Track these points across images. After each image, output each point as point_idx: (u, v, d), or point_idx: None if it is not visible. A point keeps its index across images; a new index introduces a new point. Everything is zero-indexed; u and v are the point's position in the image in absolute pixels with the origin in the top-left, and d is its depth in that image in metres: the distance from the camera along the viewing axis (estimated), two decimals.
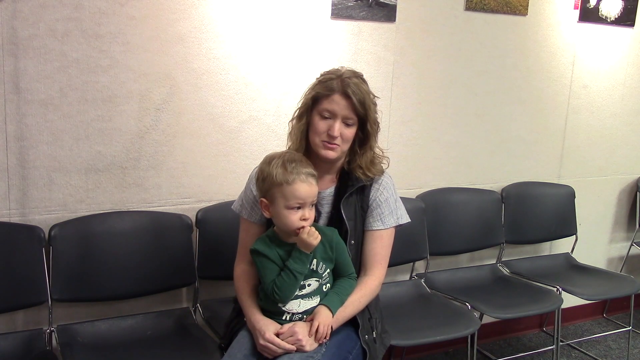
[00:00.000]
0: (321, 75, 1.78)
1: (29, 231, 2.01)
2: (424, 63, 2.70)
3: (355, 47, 2.52)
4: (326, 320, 1.63)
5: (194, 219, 2.27)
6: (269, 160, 1.64)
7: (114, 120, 2.12)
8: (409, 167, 2.76)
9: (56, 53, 1.99)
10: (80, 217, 2.11)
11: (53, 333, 2.04)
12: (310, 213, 1.62)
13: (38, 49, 1.96)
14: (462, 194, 2.90)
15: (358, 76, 1.75)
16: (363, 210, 1.81)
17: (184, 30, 2.18)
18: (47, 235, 2.03)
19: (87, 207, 2.13)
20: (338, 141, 1.71)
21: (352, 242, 1.78)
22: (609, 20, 3.15)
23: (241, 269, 1.83)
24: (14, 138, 1.99)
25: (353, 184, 1.78)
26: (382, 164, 1.85)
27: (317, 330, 1.61)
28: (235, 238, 1.91)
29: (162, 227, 2.22)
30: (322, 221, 1.80)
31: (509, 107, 2.98)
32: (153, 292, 2.21)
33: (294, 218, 1.60)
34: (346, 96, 1.69)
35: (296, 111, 1.80)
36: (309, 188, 1.60)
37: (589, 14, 3.08)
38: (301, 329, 1.61)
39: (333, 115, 1.71)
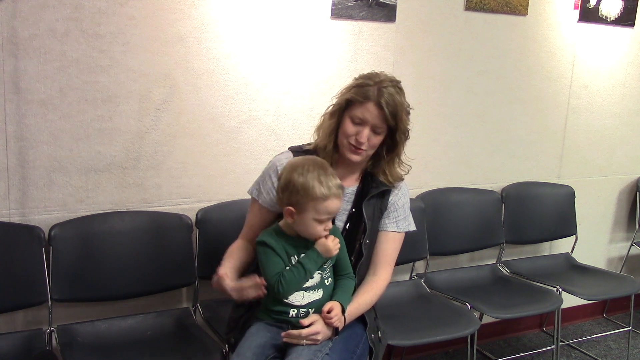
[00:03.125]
0: (359, 77, 1.78)
1: (29, 231, 2.01)
2: (424, 63, 2.70)
3: (355, 47, 2.52)
4: (338, 308, 1.66)
5: (194, 219, 2.27)
6: (300, 170, 1.61)
7: (114, 120, 2.12)
8: None
9: (56, 53, 1.99)
10: (80, 217, 2.11)
11: (53, 333, 2.04)
12: (331, 224, 1.67)
13: (38, 49, 1.96)
14: (462, 194, 2.90)
15: (395, 85, 1.76)
16: (381, 211, 1.85)
17: (184, 30, 2.18)
18: (47, 235, 2.03)
19: (87, 207, 2.13)
20: (364, 147, 1.74)
21: (367, 241, 1.82)
22: (609, 20, 3.15)
23: (238, 242, 1.85)
24: (14, 138, 1.99)
25: (377, 186, 1.83)
26: (402, 171, 1.89)
27: (329, 312, 1.64)
28: (235, 238, 1.90)
29: (162, 227, 2.22)
30: (341, 217, 1.83)
31: (509, 107, 2.98)
32: (153, 292, 2.21)
33: (320, 229, 1.64)
34: (379, 107, 1.71)
35: (329, 107, 1.82)
36: (339, 203, 1.64)
37: (589, 14, 3.08)
38: (320, 325, 1.65)
39: (363, 122, 1.73)
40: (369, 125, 1.73)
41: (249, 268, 1.80)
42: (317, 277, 1.68)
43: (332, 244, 1.65)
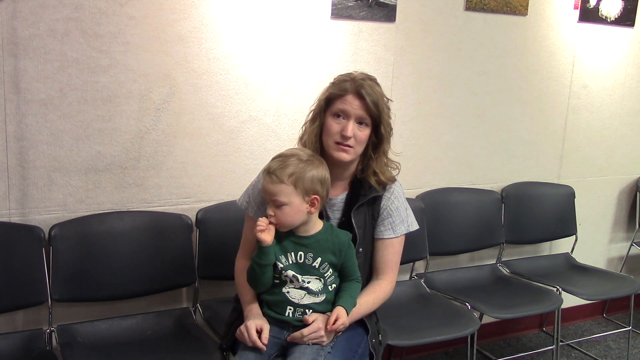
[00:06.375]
0: (334, 78, 1.77)
1: (29, 231, 2.01)
2: (424, 63, 2.70)
3: (355, 47, 2.52)
4: (344, 316, 1.66)
5: (194, 219, 2.27)
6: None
7: (114, 120, 2.12)
8: (409, 167, 2.76)
9: (56, 53, 1.99)
10: (80, 217, 2.11)
11: (53, 333, 2.04)
12: (273, 210, 1.64)
13: (38, 49, 1.96)
14: (462, 194, 2.90)
15: (372, 79, 1.75)
16: (373, 218, 1.81)
17: (184, 30, 2.18)
18: (47, 235, 2.03)
19: (87, 207, 2.13)
20: (351, 142, 1.70)
21: (360, 249, 1.78)
22: (609, 20, 3.15)
23: (242, 264, 1.83)
24: (14, 138, 1.99)
25: (366, 194, 1.78)
26: (392, 170, 1.85)
27: (335, 321, 1.63)
28: (235, 238, 1.91)
29: (162, 227, 2.22)
30: None
31: (509, 107, 2.98)
32: (153, 292, 2.21)
33: (269, 211, 1.65)
34: (360, 96, 1.69)
35: (309, 114, 1.80)
36: (264, 184, 1.65)
37: (589, 14, 3.08)
38: (323, 324, 1.64)
39: (346, 116, 1.70)
40: (352, 118, 1.69)
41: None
42: (316, 282, 1.68)
43: (255, 228, 1.63)
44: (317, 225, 1.70)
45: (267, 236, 1.62)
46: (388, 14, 2.55)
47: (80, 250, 2.07)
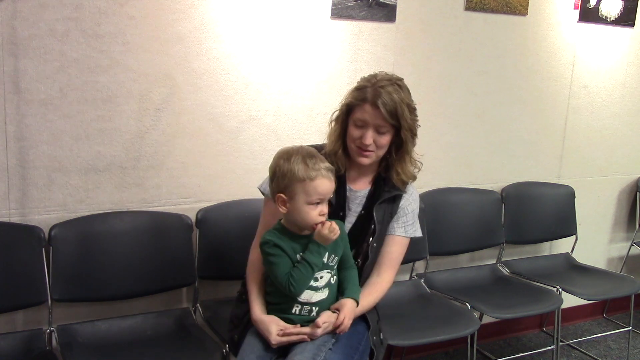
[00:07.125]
0: (360, 80, 1.80)
1: (29, 231, 2.01)
2: (424, 63, 2.70)
3: (355, 47, 2.52)
4: (351, 313, 1.67)
5: (194, 219, 2.27)
6: (286, 157, 1.62)
7: (114, 120, 2.12)
8: None
9: (56, 53, 1.99)
10: (80, 217, 2.11)
11: (53, 333, 2.04)
12: (326, 208, 1.64)
13: (38, 49, 1.96)
14: (462, 194, 2.90)
15: (394, 83, 1.74)
16: (391, 215, 1.86)
17: (184, 30, 2.18)
18: (47, 235, 2.03)
19: (87, 207, 2.13)
20: (372, 148, 1.75)
21: (375, 245, 1.82)
22: (609, 20, 3.15)
23: (257, 255, 1.80)
24: (14, 138, 1.99)
25: (389, 190, 1.83)
26: (415, 170, 1.87)
27: (342, 322, 1.64)
28: (235, 237, 1.91)
29: (162, 227, 2.22)
30: (351, 219, 1.84)
31: (509, 107, 2.98)
32: (153, 292, 2.21)
33: (314, 213, 1.61)
34: (376, 107, 1.71)
35: (334, 113, 1.83)
36: (329, 183, 1.62)
37: (589, 14, 3.08)
38: (329, 318, 1.65)
39: (365, 124, 1.73)
40: (370, 126, 1.73)
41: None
42: (326, 276, 1.68)
43: (327, 231, 1.60)
44: None
45: (336, 235, 1.64)
46: (388, 14, 2.55)
47: (80, 250, 2.07)
